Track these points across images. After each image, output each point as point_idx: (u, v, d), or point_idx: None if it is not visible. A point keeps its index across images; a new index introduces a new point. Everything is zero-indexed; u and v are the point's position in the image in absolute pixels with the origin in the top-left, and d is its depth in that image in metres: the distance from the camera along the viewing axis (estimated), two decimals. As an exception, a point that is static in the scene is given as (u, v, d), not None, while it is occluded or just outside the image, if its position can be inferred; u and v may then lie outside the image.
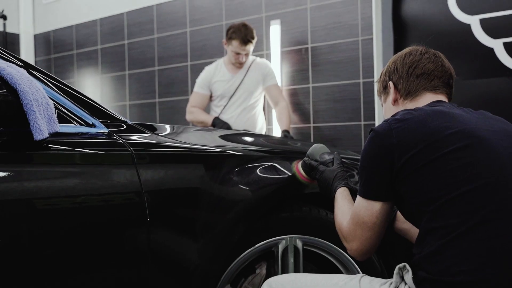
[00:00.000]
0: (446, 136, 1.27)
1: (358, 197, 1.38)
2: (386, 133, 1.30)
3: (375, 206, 1.34)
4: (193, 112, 3.62)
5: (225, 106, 3.57)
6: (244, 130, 3.36)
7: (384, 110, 1.56)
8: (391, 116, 1.35)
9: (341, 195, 1.52)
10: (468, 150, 1.25)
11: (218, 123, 3.49)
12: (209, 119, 3.54)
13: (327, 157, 1.65)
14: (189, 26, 4.21)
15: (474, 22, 3.09)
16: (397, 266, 1.30)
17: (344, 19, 3.50)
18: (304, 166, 1.67)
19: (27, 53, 5.15)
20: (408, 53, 1.50)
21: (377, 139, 1.32)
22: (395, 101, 1.50)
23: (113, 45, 4.66)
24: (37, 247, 1.29)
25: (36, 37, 5.23)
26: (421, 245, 1.27)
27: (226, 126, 3.47)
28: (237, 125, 3.53)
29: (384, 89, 1.54)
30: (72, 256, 1.34)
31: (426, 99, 1.45)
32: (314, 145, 1.70)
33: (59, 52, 5.06)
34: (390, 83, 1.50)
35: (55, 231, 1.32)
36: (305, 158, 1.68)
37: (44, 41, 5.17)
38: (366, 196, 1.35)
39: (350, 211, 1.44)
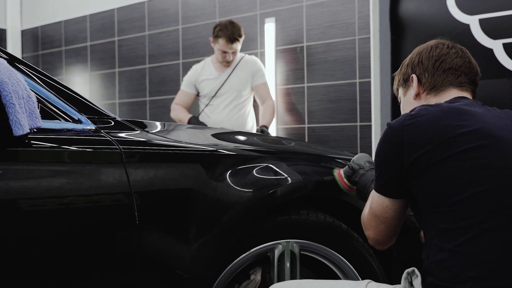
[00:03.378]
0: (458, 135, 1.23)
1: (373, 190, 1.39)
2: (398, 130, 1.28)
3: (385, 202, 1.35)
4: (175, 109, 3.62)
5: (208, 104, 3.53)
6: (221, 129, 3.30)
7: (402, 104, 1.53)
8: (409, 112, 1.32)
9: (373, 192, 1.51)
10: (483, 151, 1.21)
11: (193, 123, 3.45)
12: (186, 117, 3.52)
13: (369, 165, 1.65)
14: (181, 23, 4.16)
15: (473, 22, 3.07)
16: (406, 271, 1.26)
17: (340, 18, 3.46)
18: (347, 171, 1.66)
19: (14, 49, 5.11)
20: (434, 46, 1.45)
21: (390, 135, 1.30)
22: (417, 95, 1.46)
23: (103, 42, 4.61)
24: (19, 250, 1.23)
25: (23, 32, 5.18)
26: (430, 249, 1.23)
27: (202, 125, 3.43)
28: (227, 124, 3.48)
29: (405, 82, 1.50)
30: (55, 261, 1.28)
31: (450, 94, 1.41)
32: (359, 154, 1.74)
33: (47, 49, 5.01)
34: (413, 76, 1.46)
35: (37, 234, 1.26)
36: (349, 163, 1.68)
37: (31, 37, 5.12)
38: (378, 190, 1.36)
39: None
